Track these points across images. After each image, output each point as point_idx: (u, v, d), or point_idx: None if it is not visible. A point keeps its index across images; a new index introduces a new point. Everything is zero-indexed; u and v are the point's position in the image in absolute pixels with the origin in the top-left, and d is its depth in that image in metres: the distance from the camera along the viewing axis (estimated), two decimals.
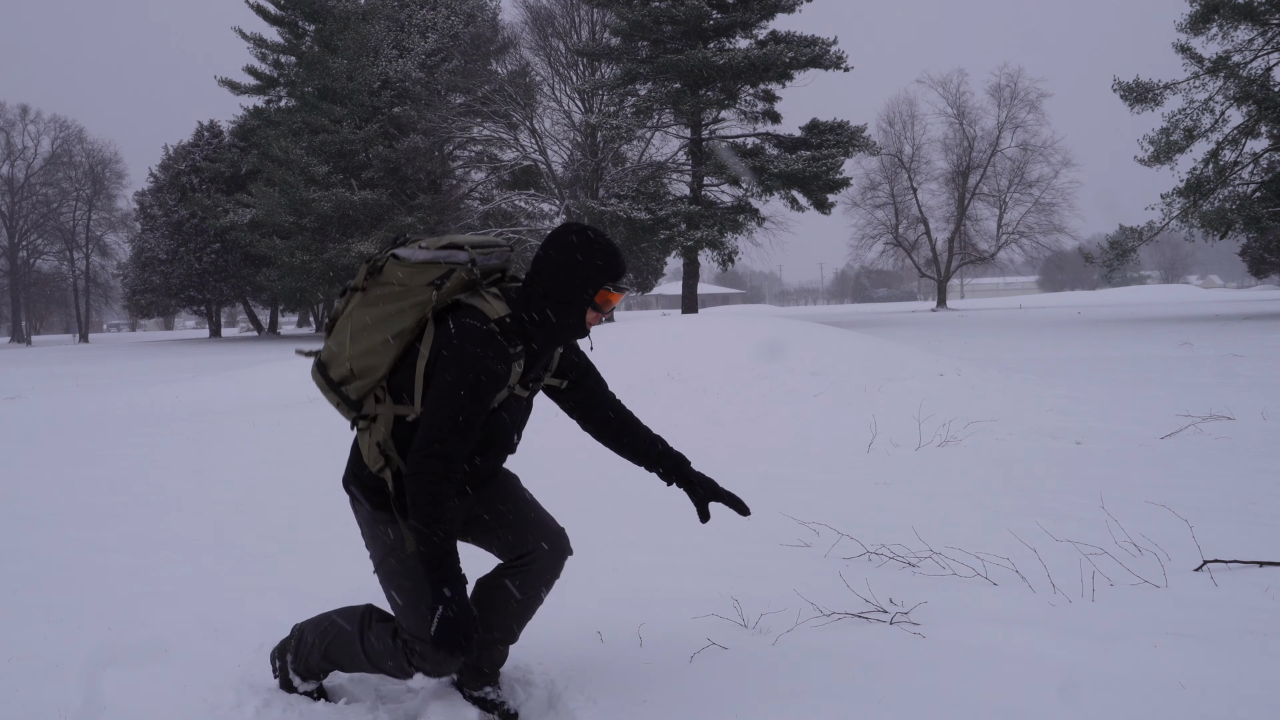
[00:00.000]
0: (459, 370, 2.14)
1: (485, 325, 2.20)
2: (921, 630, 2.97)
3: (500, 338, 2.21)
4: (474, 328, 2.19)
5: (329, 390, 2.37)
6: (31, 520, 5.14)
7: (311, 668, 2.60)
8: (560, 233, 2.28)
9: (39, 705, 2.65)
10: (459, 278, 2.28)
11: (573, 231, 2.26)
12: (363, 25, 38.26)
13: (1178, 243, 75.62)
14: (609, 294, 2.27)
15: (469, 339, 2.17)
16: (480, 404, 2.16)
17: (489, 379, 2.17)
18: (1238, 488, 4.97)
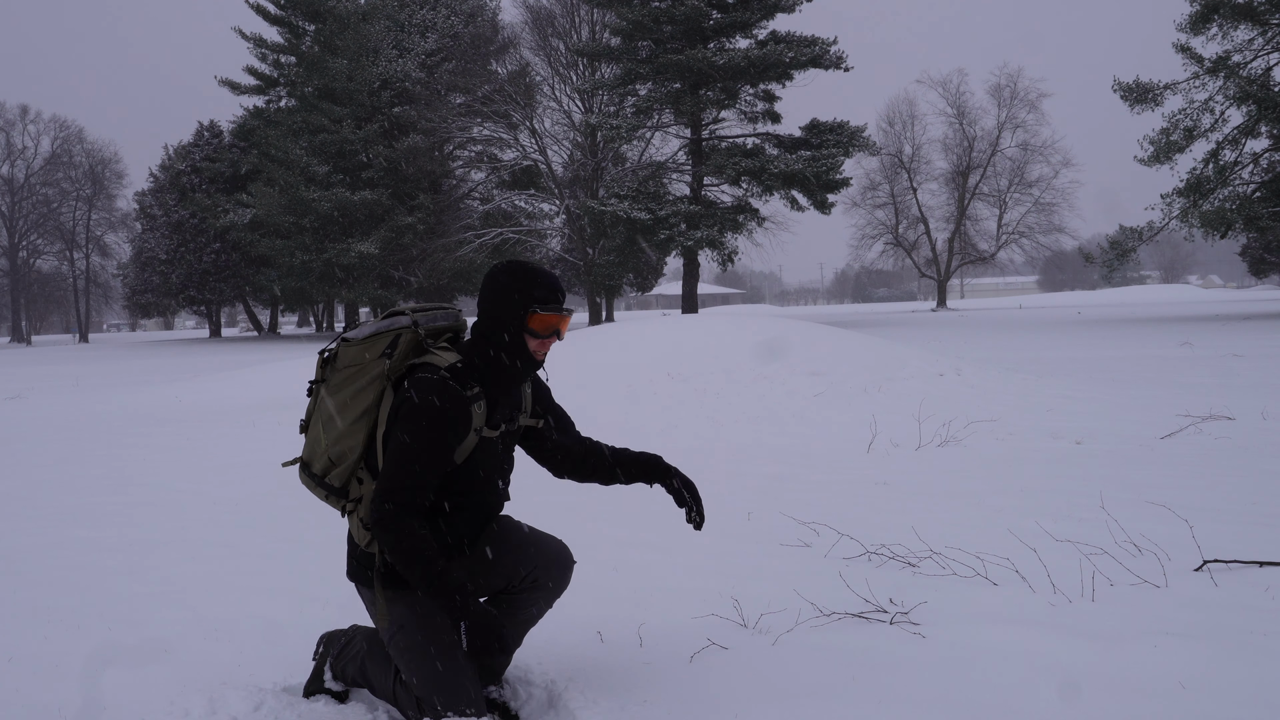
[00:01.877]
0: (411, 418, 2.22)
1: (436, 375, 2.27)
2: (921, 630, 2.97)
3: (453, 383, 2.26)
4: (425, 380, 2.25)
5: (316, 486, 2.43)
6: (31, 520, 5.14)
7: (347, 674, 2.61)
8: (490, 271, 2.40)
9: (39, 705, 2.65)
10: (407, 341, 2.36)
11: (499, 267, 2.37)
12: (363, 25, 38.28)
13: (1178, 243, 75.67)
14: (543, 317, 2.31)
15: (420, 389, 2.24)
16: (434, 448, 2.22)
17: (441, 421, 2.23)
18: (1238, 488, 4.97)
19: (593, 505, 4.83)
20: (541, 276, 2.34)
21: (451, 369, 2.29)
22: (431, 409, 2.22)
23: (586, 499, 4.97)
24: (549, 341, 2.35)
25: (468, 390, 2.29)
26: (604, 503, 4.97)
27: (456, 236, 36.11)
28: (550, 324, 2.33)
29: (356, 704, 2.65)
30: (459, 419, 2.26)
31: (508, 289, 2.32)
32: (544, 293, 2.32)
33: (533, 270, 2.35)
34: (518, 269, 2.35)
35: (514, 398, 2.45)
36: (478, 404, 2.31)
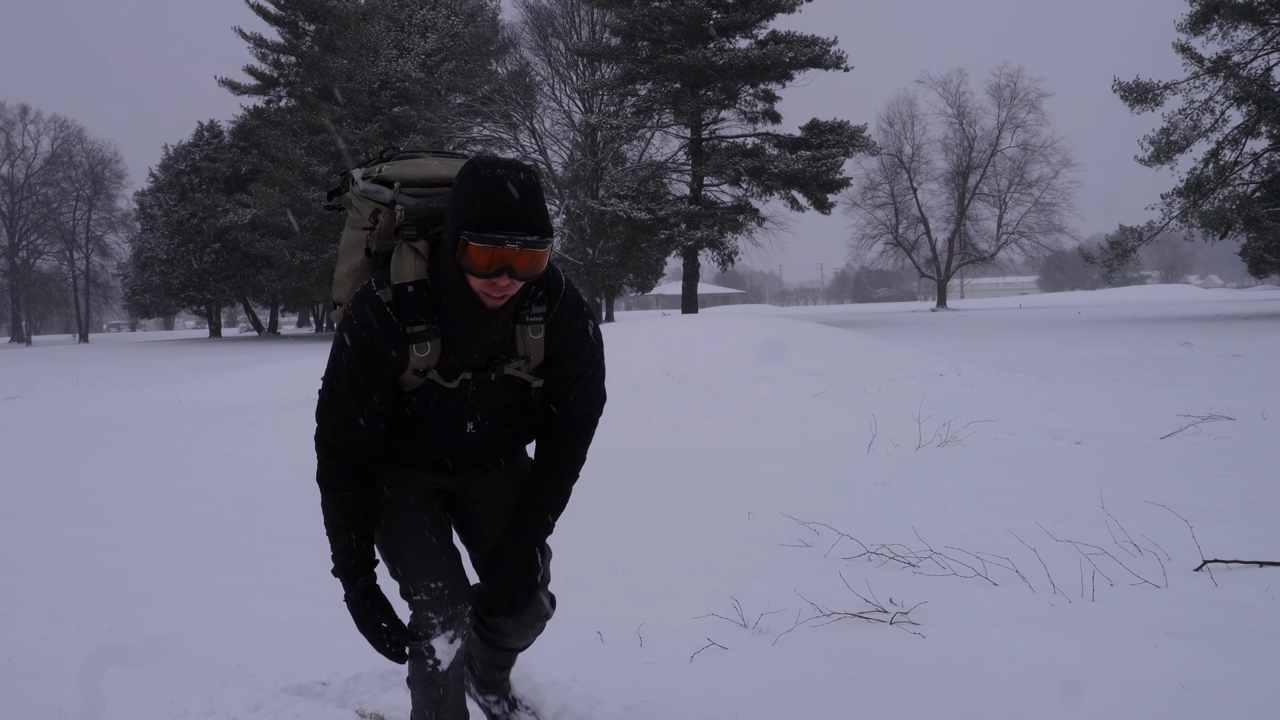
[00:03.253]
0: (332, 352, 1.90)
1: (376, 292, 1.86)
2: (921, 630, 2.97)
3: (390, 310, 1.84)
4: (363, 294, 1.87)
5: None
6: (32, 520, 5.14)
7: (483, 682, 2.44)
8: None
9: (39, 705, 2.65)
10: (386, 220, 1.96)
11: (467, 162, 1.83)
12: (363, 25, 38.28)
13: (1177, 243, 75.60)
14: (476, 249, 1.73)
15: (353, 307, 1.87)
16: (354, 390, 1.88)
17: (362, 360, 1.86)
18: (1238, 488, 4.97)
19: (593, 504, 4.83)
20: (484, 189, 1.73)
21: (398, 291, 1.85)
22: (346, 347, 1.86)
23: (586, 498, 4.96)
24: (499, 282, 1.77)
25: (407, 324, 1.85)
26: (604, 501, 4.97)
27: None
28: (489, 259, 1.74)
29: (356, 705, 2.65)
30: (383, 358, 1.86)
31: (453, 197, 1.79)
32: (477, 214, 1.72)
33: (480, 177, 1.74)
34: (469, 170, 1.77)
35: (484, 339, 1.92)
36: (421, 343, 1.88)
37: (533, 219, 1.74)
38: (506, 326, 1.94)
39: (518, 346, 1.97)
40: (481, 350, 1.93)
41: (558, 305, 1.97)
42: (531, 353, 1.99)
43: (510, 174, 1.74)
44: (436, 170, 1.97)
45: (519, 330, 1.95)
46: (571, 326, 1.99)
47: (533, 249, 1.74)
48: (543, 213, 1.77)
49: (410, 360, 1.89)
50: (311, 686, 2.74)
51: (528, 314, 1.95)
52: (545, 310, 1.96)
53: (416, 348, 1.88)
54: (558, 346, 1.99)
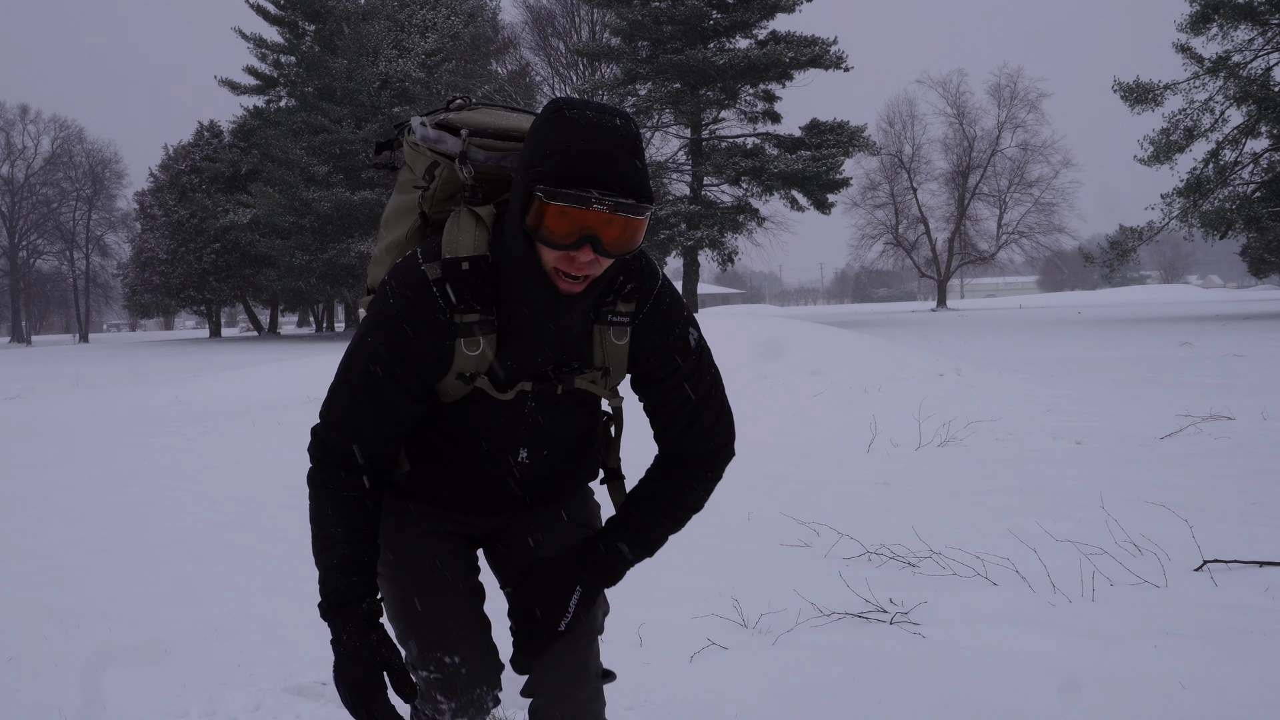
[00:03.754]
0: (361, 329, 1.51)
1: (422, 266, 1.46)
2: (921, 630, 2.97)
3: (438, 290, 1.44)
4: (407, 267, 1.47)
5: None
6: (32, 520, 5.14)
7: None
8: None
9: (39, 705, 2.65)
10: (446, 178, 1.57)
11: (550, 102, 1.42)
12: (363, 25, 38.27)
13: (1178, 243, 75.63)
14: (557, 208, 1.33)
15: (391, 283, 1.48)
16: (372, 389, 1.48)
17: (391, 353, 1.46)
18: (1238, 488, 4.97)
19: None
20: (569, 132, 1.34)
21: (449, 267, 1.45)
22: (374, 332, 1.47)
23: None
24: (579, 257, 1.36)
25: (457, 312, 1.45)
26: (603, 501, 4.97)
27: None
28: (569, 225, 1.33)
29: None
30: (419, 353, 1.46)
31: (527, 143, 1.41)
32: (557, 163, 1.33)
33: (564, 118, 1.36)
34: (550, 109, 1.39)
35: (553, 338, 1.50)
36: (472, 338, 1.47)
37: (630, 175, 1.35)
38: (584, 324, 1.51)
39: (595, 353, 1.55)
40: (549, 353, 1.52)
41: (650, 303, 1.54)
42: (612, 363, 1.56)
43: (604, 117, 1.35)
44: (516, 122, 1.57)
45: (598, 331, 1.53)
46: (667, 333, 1.56)
47: (627, 215, 1.34)
48: (642, 170, 1.37)
49: (455, 361, 1.48)
50: (311, 686, 2.74)
51: (611, 311, 1.52)
52: (633, 309, 1.53)
53: (466, 344, 1.47)
54: (647, 358, 1.57)
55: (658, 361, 1.57)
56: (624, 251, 1.39)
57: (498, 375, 1.52)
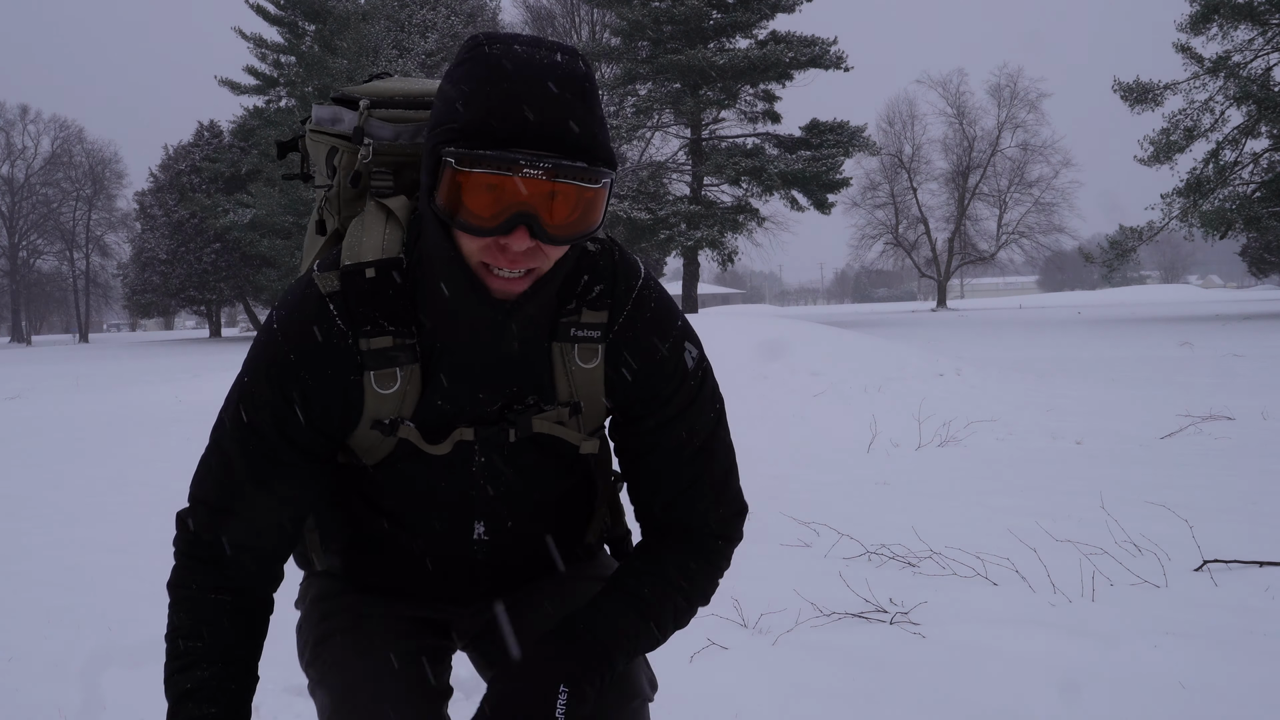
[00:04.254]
0: (239, 374, 1.16)
1: (316, 279, 1.11)
2: (921, 630, 2.97)
3: (335, 309, 1.09)
4: (296, 285, 1.15)
5: None
6: (31, 520, 5.14)
7: None
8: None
9: (39, 705, 2.65)
10: (346, 166, 1.22)
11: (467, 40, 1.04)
12: (363, 25, 38.28)
13: (1178, 243, 75.64)
14: (456, 174, 0.96)
15: (277, 309, 1.14)
16: (250, 447, 1.11)
17: (275, 394, 1.10)
18: (1238, 488, 4.97)
19: None
20: (487, 72, 0.96)
21: (349, 278, 1.09)
22: (260, 367, 1.11)
23: None
24: (511, 245, 0.99)
25: (364, 335, 1.08)
26: None
27: None
28: (491, 198, 0.97)
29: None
30: (322, 395, 1.10)
31: (436, 99, 1.03)
32: (476, 112, 0.95)
33: (482, 56, 0.98)
34: (466, 48, 1.01)
35: (496, 365, 1.12)
36: (385, 370, 1.09)
37: (575, 128, 0.95)
38: (538, 343, 1.13)
39: (559, 382, 1.15)
40: (493, 386, 1.13)
41: (627, 311, 1.15)
42: (583, 395, 1.16)
43: (538, 51, 0.97)
44: (426, 86, 1.24)
45: (559, 353, 1.14)
46: (652, 350, 1.15)
47: (575, 183, 0.96)
48: (595, 120, 0.98)
49: (367, 403, 1.10)
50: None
51: (574, 324, 1.13)
52: (605, 320, 1.14)
53: (377, 379, 1.09)
54: (629, 385, 1.16)
55: (641, 391, 1.15)
56: (575, 235, 1.00)
57: (427, 420, 1.12)
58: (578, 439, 1.19)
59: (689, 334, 1.20)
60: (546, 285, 1.06)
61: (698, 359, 1.19)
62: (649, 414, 1.17)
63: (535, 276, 1.04)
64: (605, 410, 1.20)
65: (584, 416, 1.19)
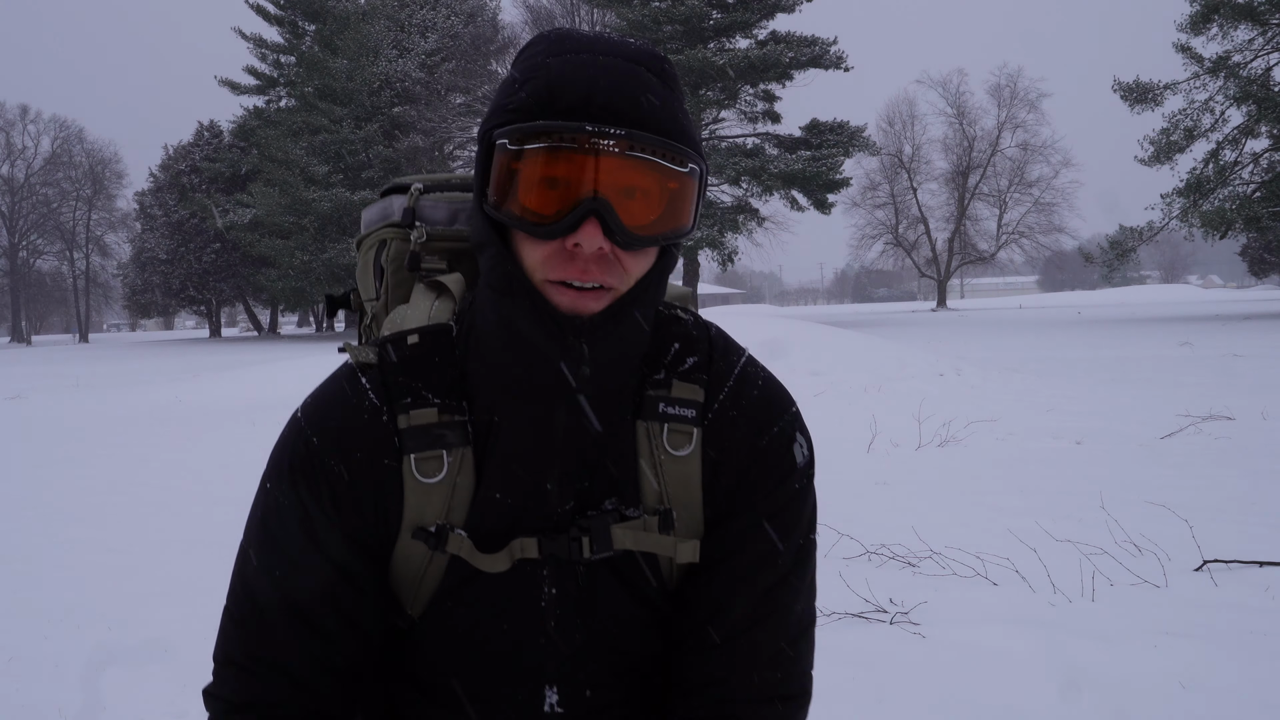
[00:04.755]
0: (260, 482, 0.95)
1: (347, 357, 0.95)
2: (921, 630, 2.97)
3: (369, 383, 0.92)
4: (332, 376, 0.96)
5: None
6: (32, 520, 5.14)
7: None
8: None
9: (39, 705, 2.65)
10: (395, 256, 1.08)
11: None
12: (363, 25, 38.29)
13: (1178, 243, 75.63)
14: (511, 159, 0.82)
15: (305, 403, 0.95)
16: (277, 574, 0.90)
17: (292, 501, 0.90)
18: (1238, 488, 4.97)
19: None
20: (558, 46, 0.84)
21: (390, 347, 0.93)
22: (282, 466, 0.92)
23: None
24: (586, 242, 0.80)
25: (402, 409, 0.90)
26: None
27: None
28: (559, 182, 0.81)
29: None
30: (354, 491, 0.90)
31: (500, 89, 0.88)
32: (536, 87, 0.82)
33: (545, 38, 0.87)
34: (530, 40, 0.89)
35: (573, 449, 0.91)
36: (429, 452, 0.90)
37: (654, 100, 0.82)
38: (617, 418, 0.92)
39: (643, 478, 0.92)
40: (563, 474, 0.91)
41: (730, 385, 0.96)
42: (674, 495, 0.93)
43: (607, 37, 0.86)
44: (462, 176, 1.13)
45: (645, 435, 0.92)
46: (758, 434, 0.95)
47: (654, 159, 0.82)
48: (677, 103, 0.86)
49: (408, 498, 0.89)
50: None
51: (664, 399, 0.92)
52: (702, 396, 0.94)
53: (419, 465, 0.89)
54: (729, 481, 0.94)
55: (736, 489, 0.94)
56: (659, 234, 0.85)
57: (482, 524, 0.90)
58: (671, 548, 0.91)
59: (801, 424, 0.99)
60: (627, 314, 0.86)
61: (808, 459, 1.00)
62: (730, 516, 0.94)
63: (612, 298, 0.85)
64: (702, 521, 0.94)
65: (678, 521, 0.92)
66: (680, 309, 1.00)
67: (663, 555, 0.92)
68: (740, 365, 0.99)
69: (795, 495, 0.96)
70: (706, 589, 0.94)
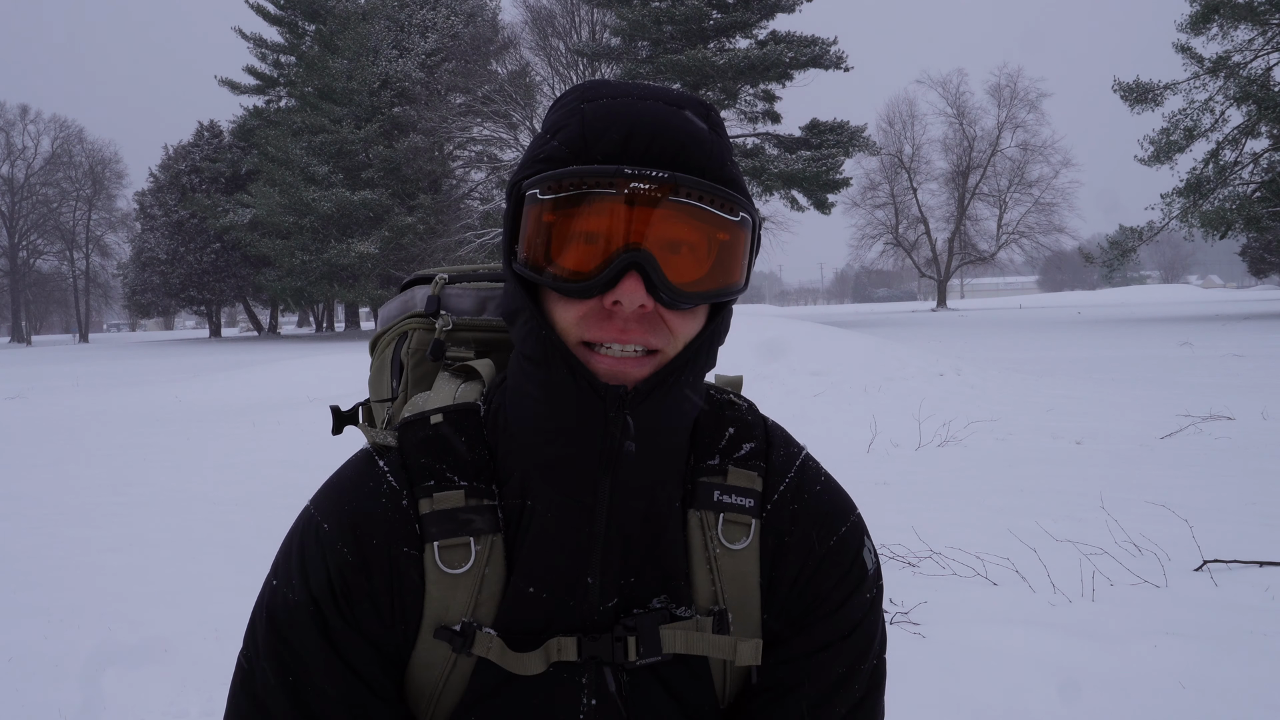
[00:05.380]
0: (266, 578, 0.85)
1: (366, 440, 0.88)
2: (921, 630, 2.97)
3: (387, 466, 0.84)
4: (346, 464, 0.88)
5: None
6: (31, 520, 5.14)
7: None
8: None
9: (39, 705, 2.65)
10: (416, 348, 1.02)
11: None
12: (363, 25, 38.30)
13: (1177, 243, 75.68)
14: (543, 209, 0.75)
15: (316, 496, 0.87)
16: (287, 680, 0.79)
17: (302, 598, 0.80)
18: (1238, 488, 4.97)
19: None
20: (594, 92, 0.79)
21: (412, 428, 0.86)
22: (291, 561, 0.83)
23: None
24: (627, 298, 0.73)
25: (424, 492, 0.82)
26: None
27: (456, 236, 36.17)
28: (596, 235, 0.74)
29: None
30: (363, 578, 0.81)
31: (533, 143, 0.81)
32: (570, 134, 0.76)
33: (581, 88, 0.80)
34: (562, 95, 0.83)
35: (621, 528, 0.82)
36: (454, 540, 0.81)
37: (699, 145, 0.76)
38: (666, 505, 0.84)
39: (695, 572, 0.84)
40: (605, 566, 0.82)
41: (791, 476, 0.88)
42: (730, 594, 0.84)
43: (649, 84, 0.80)
44: (486, 267, 1.09)
45: (697, 526, 0.84)
46: (822, 536, 0.87)
47: (701, 206, 0.74)
48: (725, 150, 0.78)
49: (429, 592, 0.81)
50: None
51: (719, 486, 0.85)
52: (760, 485, 0.86)
53: (443, 554, 0.81)
54: (786, 588, 0.86)
55: (798, 599, 0.86)
56: (707, 292, 0.76)
57: (513, 623, 0.81)
58: (729, 649, 0.81)
59: (865, 528, 0.90)
60: (674, 382, 0.77)
61: (876, 566, 0.90)
62: (798, 633, 0.84)
63: (658, 363, 0.77)
64: (759, 624, 0.85)
65: (734, 622, 0.84)
66: (733, 394, 0.92)
67: (716, 663, 0.83)
68: (801, 458, 0.90)
69: (868, 610, 0.87)
70: (770, 717, 0.84)
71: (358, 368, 12.45)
